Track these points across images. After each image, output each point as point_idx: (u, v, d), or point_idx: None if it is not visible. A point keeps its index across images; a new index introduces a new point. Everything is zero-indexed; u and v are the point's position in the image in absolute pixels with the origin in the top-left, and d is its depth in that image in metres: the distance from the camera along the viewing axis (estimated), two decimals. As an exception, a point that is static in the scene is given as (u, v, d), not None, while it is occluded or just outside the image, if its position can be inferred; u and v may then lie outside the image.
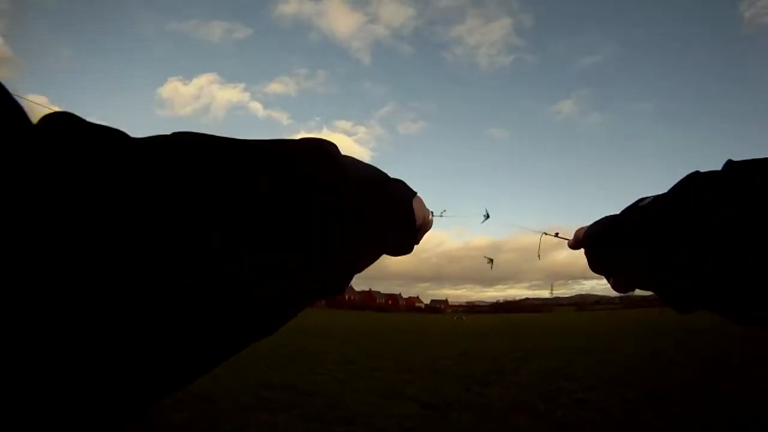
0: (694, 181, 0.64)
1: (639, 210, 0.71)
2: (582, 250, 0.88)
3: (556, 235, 1.22)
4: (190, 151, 0.43)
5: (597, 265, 0.83)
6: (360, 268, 0.64)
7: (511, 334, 23.59)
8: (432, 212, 0.87)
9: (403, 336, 20.57)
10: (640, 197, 0.74)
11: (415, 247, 0.80)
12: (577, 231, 0.91)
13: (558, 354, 12.68)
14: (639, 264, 0.69)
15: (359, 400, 6.84)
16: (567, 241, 0.95)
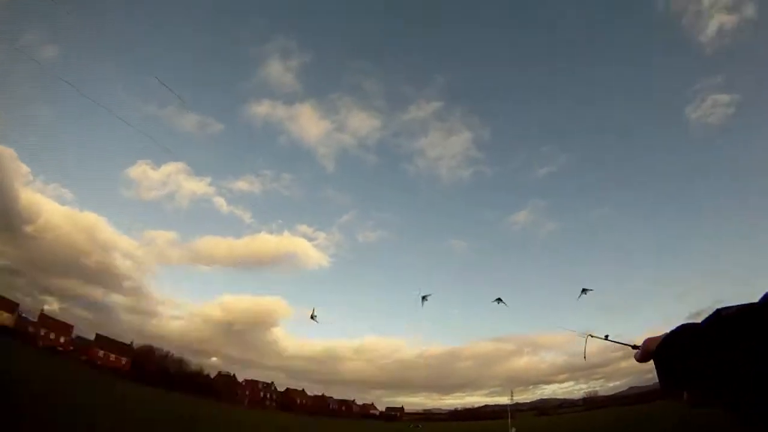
0: None
1: (724, 320, 0.72)
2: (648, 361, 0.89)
3: (606, 338, 1.36)
4: None
5: (671, 378, 0.81)
6: None
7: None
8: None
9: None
10: (721, 306, 0.73)
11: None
12: (646, 341, 0.90)
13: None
14: (721, 376, 0.68)
15: None
16: (634, 352, 0.94)
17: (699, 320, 0.75)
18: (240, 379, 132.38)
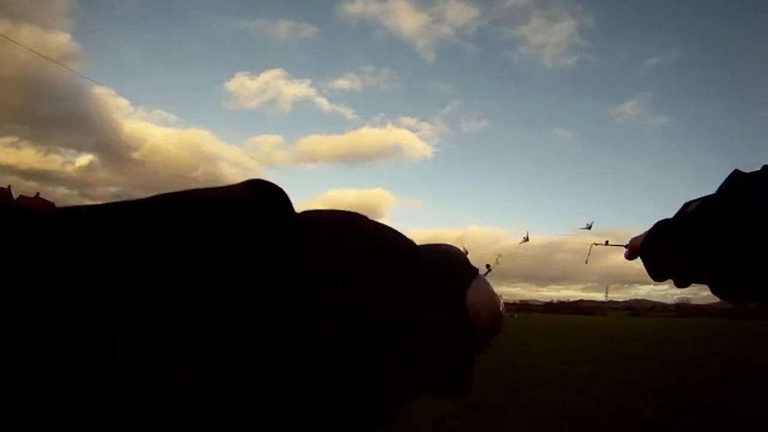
0: (739, 179, 0.71)
1: (690, 213, 0.76)
2: (638, 259, 0.90)
3: (606, 243, 1.22)
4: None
5: (657, 269, 0.85)
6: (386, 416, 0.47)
7: (563, 335, 23.45)
8: (501, 301, 0.56)
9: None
10: (686, 202, 0.79)
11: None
12: (632, 240, 0.93)
13: (608, 360, 12.59)
14: (698, 260, 0.73)
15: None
16: (623, 251, 0.97)
17: None
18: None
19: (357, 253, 0.46)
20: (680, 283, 0.82)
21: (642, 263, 0.88)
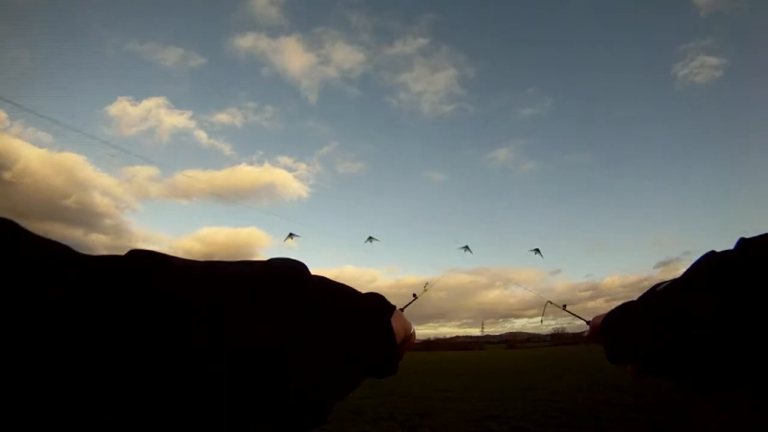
0: (709, 262, 0.67)
1: (656, 295, 0.74)
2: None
3: (564, 307, 1.29)
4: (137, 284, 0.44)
5: (616, 352, 0.83)
6: (341, 396, 0.61)
7: (442, 372, 23.41)
8: (412, 326, 0.83)
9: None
10: (657, 283, 0.77)
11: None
12: (594, 319, 0.94)
13: (488, 392, 12.53)
14: (659, 349, 0.70)
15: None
16: (585, 331, 0.99)
17: (665, 275, 1.11)
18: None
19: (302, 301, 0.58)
20: (638, 373, 0.80)
21: (602, 344, 0.87)
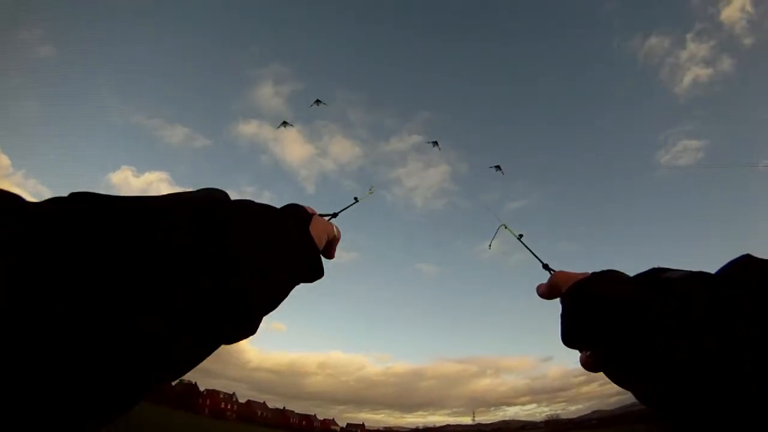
0: (752, 266, 0.52)
1: (663, 283, 0.57)
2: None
3: (520, 237, 1.21)
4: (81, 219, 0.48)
5: (577, 329, 0.68)
6: (274, 303, 0.67)
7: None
8: (336, 228, 0.92)
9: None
10: (658, 267, 0.61)
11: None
12: (560, 273, 0.79)
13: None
14: (639, 349, 0.54)
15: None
16: (539, 285, 0.84)
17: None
18: (202, 388, 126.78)
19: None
20: (592, 364, 0.66)
21: (562, 311, 0.72)
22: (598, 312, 0.62)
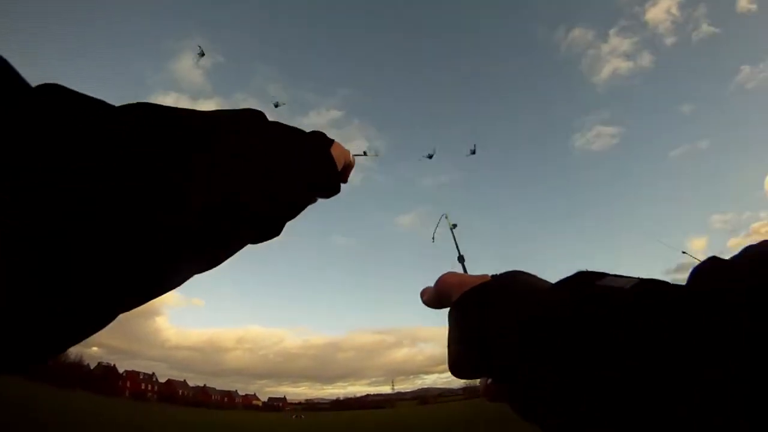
0: (719, 274, 0.38)
1: (601, 296, 0.40)
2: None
3: (454, 227, 1.31)
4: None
5: (472, 351, 0.49)
6: (292, 213, 0.73)
7: (350, 430, 22.94)
8: (363, 155, 0.90)
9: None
10: (586, 270, 0.45)
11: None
12: (447, 277, 0.58)
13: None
14: (579, 386, 0.37)
15: None
16: (424, 289, 0.61)
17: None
18: (121, 370, 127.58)
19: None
20: (494, 393, 0.49)
21: (450, 324, 0.53)
22: (504, 331, 0.45)
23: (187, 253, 0.52)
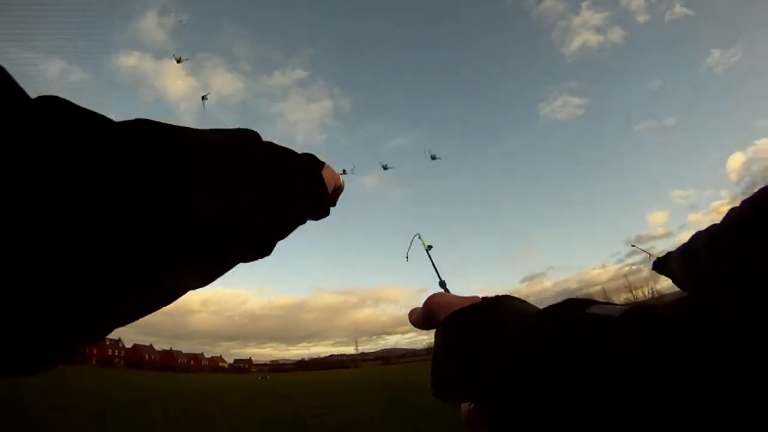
0: (705, 305, 0.36)
1: (591, 322, 0.41)
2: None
3: (429, 248, 1.21)
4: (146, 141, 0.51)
5: (455, 374, 0.49)
6: (283, 233, 0.73)
7: (316, 390, 23.72)
8: (342, 174, 0.99)
9: (204, 398, 19.76)
10: (574, 297, 0.46)
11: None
12: (434, 299, 0.59)
13: (361, 407, 13.06)
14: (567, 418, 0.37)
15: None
16: (411, 310, 0.62)
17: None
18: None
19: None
20: (477, 420, 0.50)
21: (439, 345, 0.54)
22: (493, 349, 0.45)
23: (187, 256, 0.51)
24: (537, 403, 0.39)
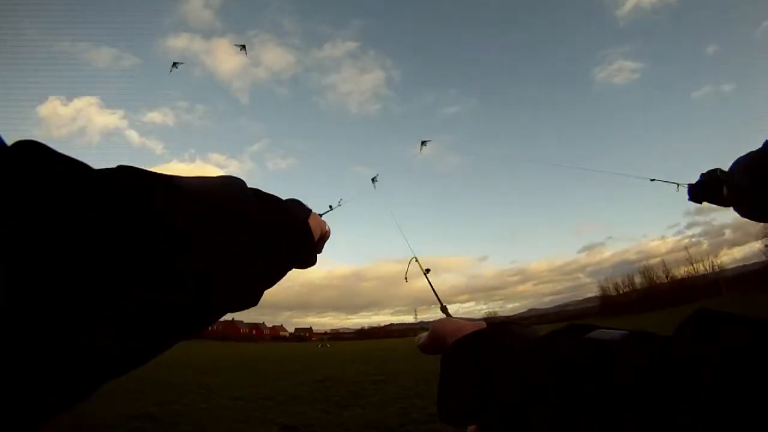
0: (707, 328, 0.38)
1: (591, 350, 0.43)
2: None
3: (427, 272, 1.24)
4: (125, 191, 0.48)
5: (462, 400, 0.52)
6: (269, 284, 0.73)
7: (374, 358, 24.13)
8: (329, 210, 1.06)
9: (266, 365, 20.54)
10: (577, 323, 0.49)
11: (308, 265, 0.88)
12: (440, 324, 0.64)
13: (417, 374, 13.25)
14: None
15: (220, 426, 7.02)
16: (418, 338, 0.71)
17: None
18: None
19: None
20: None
21: (444, 371, 0.57)
22: (502, 371, 0.47)
23: (187, 257, 0.51)
24: (546, 423, 0.41)
